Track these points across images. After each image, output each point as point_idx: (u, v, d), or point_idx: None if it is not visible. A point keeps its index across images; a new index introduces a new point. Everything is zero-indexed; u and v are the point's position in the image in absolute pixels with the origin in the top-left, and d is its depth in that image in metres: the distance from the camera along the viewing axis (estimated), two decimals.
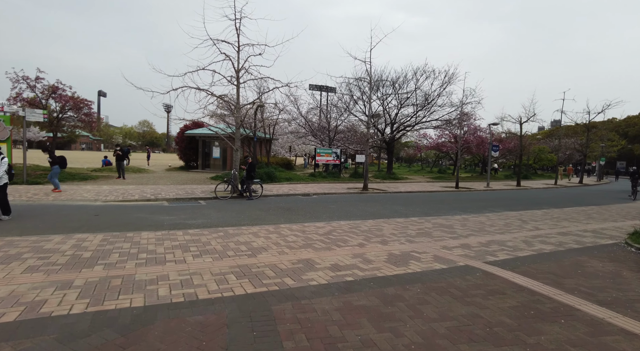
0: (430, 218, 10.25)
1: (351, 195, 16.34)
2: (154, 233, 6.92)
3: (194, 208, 10.77)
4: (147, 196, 12.96)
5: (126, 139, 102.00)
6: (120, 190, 14.01)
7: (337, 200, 14.18)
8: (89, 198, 11.93)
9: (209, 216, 9.52)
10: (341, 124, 27.02)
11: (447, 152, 32.14)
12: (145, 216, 9.07)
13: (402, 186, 21.41)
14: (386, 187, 20.35)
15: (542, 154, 41.83)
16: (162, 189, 14.91)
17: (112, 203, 11.44)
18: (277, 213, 10.33)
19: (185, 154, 26.76)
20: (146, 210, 10.09)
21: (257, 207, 11.45)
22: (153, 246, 5.93)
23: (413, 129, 26.08)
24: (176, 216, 9.35)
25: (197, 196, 13.49)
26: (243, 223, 8.63)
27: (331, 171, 24.81)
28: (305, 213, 10.62)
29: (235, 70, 14.64)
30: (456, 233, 8.02)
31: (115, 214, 9.17)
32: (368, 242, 6.79)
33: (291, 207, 11.66)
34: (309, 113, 28.28)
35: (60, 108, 16.92)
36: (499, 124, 23.64)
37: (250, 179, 13.92)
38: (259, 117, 19.46)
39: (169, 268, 4.83)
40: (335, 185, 20.18)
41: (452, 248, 6.56)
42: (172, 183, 17.33)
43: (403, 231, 7.98)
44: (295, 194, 15.46)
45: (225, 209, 10.85)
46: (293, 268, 5.02)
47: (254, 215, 9.86)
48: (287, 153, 37.85)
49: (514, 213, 11.86)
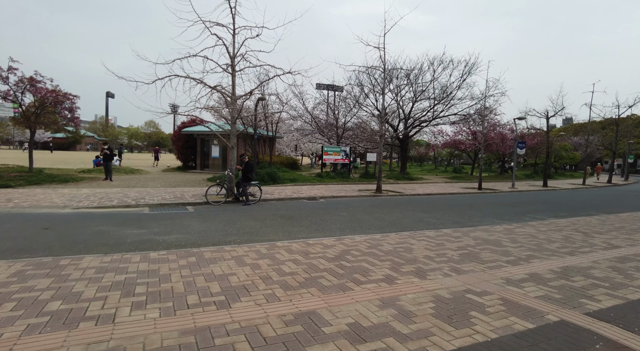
0: (466, 229, 8.20)
1: (364, 199, 14.32)
2: (100, 259, 5.01)
3: (175, 217, 8.86)
4: (128, 201, 11.12)
5: (132, 140, 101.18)
6: (100, 194, 12.21)
7: (348, 205, 12.18)
8: (57, 204, 10.12)
9: (189, 228, 7.60)
10: (350, 121, 25.02)
11: (465, 150, 29.88)
12: (108, 230, 7.18)
13: (418, 188, 19.31)
14: (401, 189, 18.28)
15: (563, 152, 39.31)
16: (148, 192, 13.07)
17: (81, 211, 9.61)
18: (276, 224, 8.37)
19: (183, 154, 24.97)
20: (116, 220, 8.21)
21: (252, 215, 9.51)
22: (83, 285, 4.01)
23: (429, 124, 23.92)
24: (148, 228, 7.44)
25: (185, 200, 11.62)
26: (229, 240, 6.68)
27: (340, 171, 22.80)
28: (310, 223, 8.64)
29: (230, 56, 12.73)
30: (511, 254, 5.98)
31: (72, 227, 7.30)
32: (398, 273, 4.78)
33: (293, 215, 9.69)
34: (315, 109, 26.33)
35: (39, 103, 15.18)
36: (525, 118, 21.42)
37: (247, 181, 11.99)
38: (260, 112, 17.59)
39: (75, 338, 2.89)
40: (344, 187, 18.17)
41: (520, 283, 4.52)
42: (162, 185, 15.51)
43: (440, 252, 5.96)
44: (299, 197, 13.50)
45: (213, 218, 8.92)
46: (286, 335, 3.04)
47: (246, 227, 7.91)
48: (292, 152, 35.90)
49: (563, 221, 9.73)
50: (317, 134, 25.74)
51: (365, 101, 21.76)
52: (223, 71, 12.73)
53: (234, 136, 12.99)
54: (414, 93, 22.94)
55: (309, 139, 28.67)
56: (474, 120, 23.86)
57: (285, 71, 12.80)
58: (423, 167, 50.80)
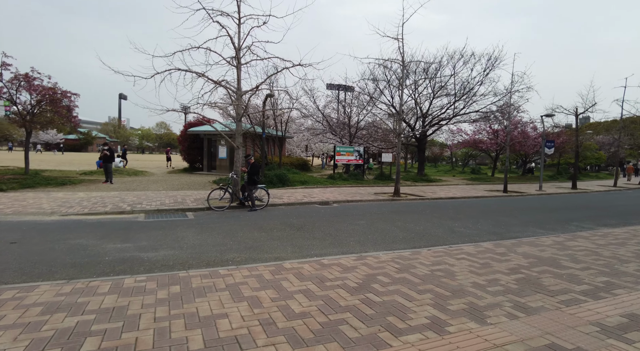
0: (509, 243, 6.89)
1: (381, 204, 13.06)
2: (57, 289, 3.91)
3: (170, 227, 7.77)
4: (123, 206, 10.11)
5: (143, 141, 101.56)
6: (95, 198, 11.25)
7: (366, 211, 10.94)
8: (44, 211, 9.15)
9: (183, 241, 6.48)
10: (363, 119, 23.73)
11: (486, 150, 28.25)
12: (87, 244, 6.11)
13: (439, 190, 17.93)
14: (421, 192, 16.95)
15: (588, 152, 37.23)
16: (148, 196, 12.07)
17: (69, 218, 8.61)
18: (284, 235, 7.20)
19: (189, 155, 24.01)
20: (102, 230, 7.16)
21: (257, 224, 8.35)
22: (8, 339, 2.90)
23: (449, 122, 22.47)
24: (134, 242, 6.35)
25: (186, 206, 10.56)
26: (226, 258, 5.53)
27: (353, 172, 21.54)
28: (324, 234, 7.44)
29: (235, 47, 11.65)
30: (581, 280, 4.68)
31: (46, 241, 6.25)
32: (446, 314, 3.55)
33: (304, 224, 8.50)
34: (326, 107, 25.12)
35: (36, 101, 14.35)
36: (554, 115, 19.80)
37: (253, 184, 10.86)
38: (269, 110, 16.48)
39: None
40: (359, 190, 16.92)
41: (623, 333, 3.25)
42: (164, 189, 14.52)
43: (490, 277, 4.69)
44: (310, 202, 12.32)
45: (213, 227, 7.80)
46: None
47: (248, 240, 6.76)
48: (303, 153, 34.74)
49: (620, 232, 8.32)
50: (328, 133, 24.53)
51: (380, 98, 20.49)
52: (227, 63, 11.66)
53: (240, 135, 11.90)
54: (432, 89, 21.56)
55: (320, 139, 27.46)
56: (496, 117, 22.31)
57: (295, 63, 11.67)
58: (438, 168, 49.04)
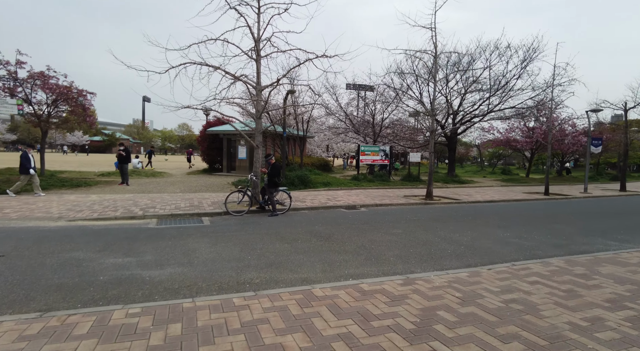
0: (582, 258, 5.62)
1: (415, 208, 11.85)
2: (21, 328, 3.02)
3: (181, 235, 6.89)
4: (135, 211, 9.38)
5: (165, 142, 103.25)
6: (107, 202, 10.59)
7: (399, 217, 9.79)
8: (51, 215, 8.50)
9: (193, 255, 5.56)
10: (388, 117, 22.47)
11: (521, 148, 26.39)
12: (83, 258, 5.28)
13: (474, 193, 16.50)
14: (454, 194, 15.59)
15: (631, 151, 34.54)
16: (163, 199, 11.34)
17: (75, 224, 7.90)
18: (310, 248, 6.18)
19: (209, 155, 23.42)
20: (104, 240, 6.35)
21: (279, 232, 7.37)
22: None
23: (482, 119, 20.90)
24: (138, 255, 5.47)
25: (202, 210, 9.72)
26: (243, 279, 4.56)
27: (378, 173, 20.32)
28: (357, 246, 6.37)
29: (254, 38, 10.76)
30: None
31: (37, 254, 5.46)
32: None
33: (332, 233, 7.45)
34: (349, 105, 24.02)
35: (52, 101, 13.94)
36: (602, 109, 17.93)
37: (274, 186, 9.91)
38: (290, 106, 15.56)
39: None
40: (386, 192, 15.74)
41: None
42: (181, 191, 13.81)
43: (590, 316, 3.51)
44: (336, 206, 11.27)
45: (229, 237, 6.87)
46: None
47: (269, 253, 5.77)
48: (324, 153, 33.74)
49: None
50: (351, 132, 23.40)
51: (407, 93, 19.18)
52: (245, 55, 10.77)
53: (260, 133, 10.99)
54: (463, 84, 20.07)
55: (342, 139, 26.36)
56: (532, 114, 20.55)
57: (319, 54, 10.65)
58: (465, 168, 47.01)
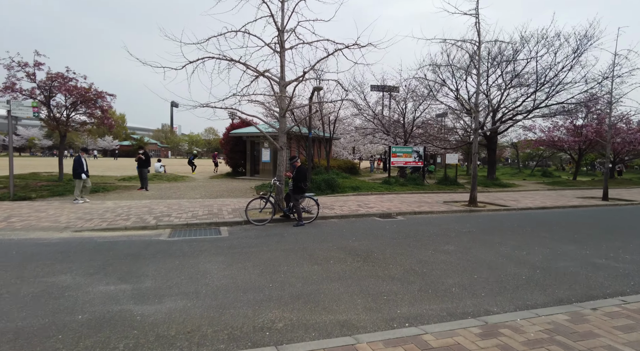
0: None
1: (460, 217, 10.40)
2: None
3: (193, 252, 5.87)
4: (148, 219, 8.52)
5: (192, 146, 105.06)
6: (121, 209, 9.84)
7: (444, 228, 8.40)
8: (59, 225, 7.77)
9: (202, 281, 4.48)
10: (420, 116, 20.93)
11: (568, 149, 24.08)
12: (70, 283, 4.33)
13: (520, 198, 14.75)
14: (499, 199, 13.93)
15: None
16: (180, 206, 10.49)
17: (80, 235, 7.10)
18: (346, 271, 4.97)
19: (232, 158, 22.70)
20: (105, 257, 5.41)
21: (306, 248, 6.21)
22: None
23: (527, 117, 18.95)
24: (136, 280, 4.46)
25: (221, 219, 8.75)
26: (260, 321, 3.41)
27: (411, 176, 18.83)
28: (405, 269, 5.10)
29: (277, 29, 9.74)
30: None
31: (21, 275, 4.55)
32: None
33: (370, 249, 6.21)
34: (377, 104, 22.66)
35: (71, 103, 13.51)
36: None
37: (300, 192, 8.78)
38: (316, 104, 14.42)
39: None
40: (423, 197, 14.29)
41: None
42: (201, 196, 12.97)
43: None
44: (368, 214, 10.02)
45: (247, 254, 5.77)
46: None
47: (295, 281, 4.61)
48: (350, 155, 32.42)
49: None
50: (379, 133, 22.01)
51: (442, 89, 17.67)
52: (268, 48, 9.76)
53: (284, 133, 9.93)
54: (504, 79, 18.26)
55: (370, 140, 24.99)
56: (584, 109, 18.41)
57: (349, 43, 9.46)
58: (499, 170, 44.28)
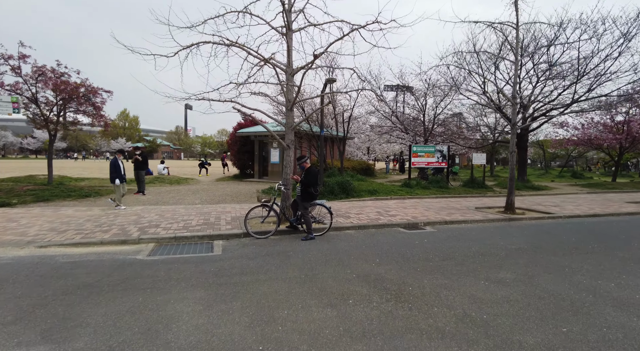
0: None
1: (500, 227, 8.75)
2: None
3: (168, 281, 4.46)
4: (131, 231, 7.21)
5: (205, 148, 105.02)
6: (106, 217, 8.58)
7: (488, 244, 6.80)
8: (24, 238, 6.51)
9: (163, 338, 3.05)
10: (441, 113, 19.23)
11: (606, 147, 21.96)
12: None
13: (561, 202, 12.95)
14: (537, 204, 12.17)
15: None
16: (174, 213, 9.17)
17: (43, 252, 5.82)
18: (372, 319, 3.46)
19: (239, 160, 21.41)
20: (47, 290, 4.07)
21: (316, 275, 4.72)
22: None
23: (563, 113, 17.03)
24: (63, 339, 3.06)
25: (216, 230, 7.37)
26: None
27: (433, 178, 17.15)
28: (456, 317, 3.56)
29: (283, 8, 8.31)
30: None
31: None
32: None
33: (402, 279, 4.68)
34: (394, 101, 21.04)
35: (62, 99, 12.39)
36: None
37: (309, 199, 7.31)
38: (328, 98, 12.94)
39: None
40: (450, 202, 12.64)
41: None
42: (202, 202, 11.67)
43: None
44: (391, 224, 8.48)
45: (238, 286, 4.32)
46: None
47: (298, 335, 3.11)
48: (364, 155, 30.83)
49: None
50: (397, 131, 20.39)
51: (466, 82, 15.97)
52: (274, 30, 8.35)
53: (291, 129, 8.49)
54: (535, 70, 16.44)
55: (386, 139, 23.37)
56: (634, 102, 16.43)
57: (369, 21, 7.96)
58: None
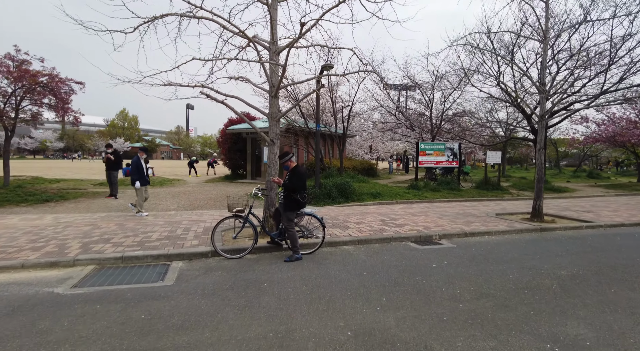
0: None
1: (534, 242, 7.12)
2: None
3: (64, 340, 2.87)
4: (72, 248, 5.66)
5: (205, 148, 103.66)
6: (53, 228, 7.04)
7: (527, 269, 5.17)
8: None
9: None
10: (450, 107, 17.62)
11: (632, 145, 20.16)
12: None
13: (591, 207, 11.28)
14: (566, 209, 10.51)
15: None
16: (137, 223, 7.62)
17: None
18: None
19: (230, 159, 19.73)
20: None
21: (293, 330, 3.08)
22: None
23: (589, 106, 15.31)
24: None
25: (179, 248, 5.79)
26: None
27: (443, 179, 15.50)
28: None
29: None
30: None
31: None
32: None
33: (425, 342, 3.05)
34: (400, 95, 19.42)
35: (23, 91, 10.87)
36: None
37: (294, 207, 5.68)
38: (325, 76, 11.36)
39: None
40: (465, 207, 10.99)
41: None
42: (178, 207, 10.11)
43: None
44: (399, 237, 6.87)
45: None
46: None
47: None
48: (366, 155, 29.19)
49: None
50: (402, 128, 18.77)
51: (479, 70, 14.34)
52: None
53: (275, 120, 6.91)
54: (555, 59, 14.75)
55: (390, 137, 21.70)
56: None
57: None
58: (530, 170, 40.33)
